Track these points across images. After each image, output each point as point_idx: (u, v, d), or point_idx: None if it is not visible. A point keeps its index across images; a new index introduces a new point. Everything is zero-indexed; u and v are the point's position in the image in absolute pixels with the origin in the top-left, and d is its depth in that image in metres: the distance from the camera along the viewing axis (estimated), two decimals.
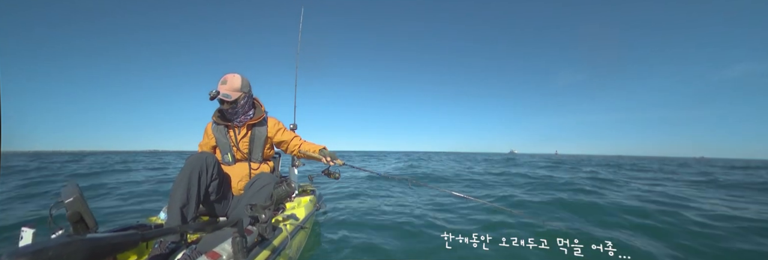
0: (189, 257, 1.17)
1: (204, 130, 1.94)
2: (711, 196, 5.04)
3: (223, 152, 1.85)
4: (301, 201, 2.33)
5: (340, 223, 3.16)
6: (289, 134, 2.04)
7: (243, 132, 1.85)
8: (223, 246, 1.11)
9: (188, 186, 1.48)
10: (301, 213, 2.05)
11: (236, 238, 1.09)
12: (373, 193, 5.12)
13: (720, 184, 6.96)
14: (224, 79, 1.77)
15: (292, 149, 2.06)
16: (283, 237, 1.48)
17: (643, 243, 2.17)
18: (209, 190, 1.62)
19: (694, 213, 3.42)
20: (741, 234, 2.65)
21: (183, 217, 1.42)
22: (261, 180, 1.69)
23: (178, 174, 1.51)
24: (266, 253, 1.23)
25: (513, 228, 2.77)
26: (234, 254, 1.09)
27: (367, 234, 2.68)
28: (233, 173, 1.83)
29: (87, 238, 0.55)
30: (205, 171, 1.56)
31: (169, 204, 1.45)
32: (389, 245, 2.33)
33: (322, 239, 2.63)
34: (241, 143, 1.85)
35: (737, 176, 9.57)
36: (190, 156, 1.59)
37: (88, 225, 0.90)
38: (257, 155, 1.90)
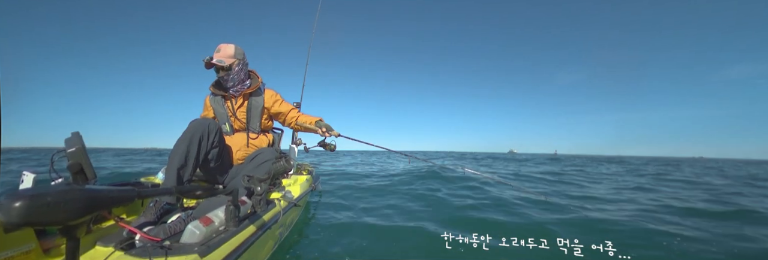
0: (183, 221, 1.19)
1: (203, 104, 1.97)
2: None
3: (222, 122, 1.87)
4: (297, 179, 2.35)
5: (334, 205, 3.19)
6: (286, 106, 2.04)
7: (240, 101, 1.87)
8: (217, 212, 1.12)
9: (188, 149, 1.50)
10: (296, 190, 2.06)
11: (230, 207, 1.10)
12: (370, 182, 5.15)
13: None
14: (218, 48, 1.79)
15: (289, 121, 2.06)
16: (275, 212, 1.49)
17: (643, 242, 2.18)
18: (209, 157, 1.63)
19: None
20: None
21: (179, 178, 1.44)
22: (263, 155, 1.70)
23: (180, 137, 1.53)
24: (257, 225, 1.24)
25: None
26: (226, 222, 1.11)
27: (358, 218, 2.70)
28: (232, 143, 1.85)
29: (85, 188, 0.56)
30: (207, 136, 1.57)
31: (168, 165, 1.47)
32: (381, 232, 2.35)
33: (314, 218, 2.66)
34: (238, 113, 1.87)
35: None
36: (193, 121, 1.60)
37: (87, 177, 0.91)
38: (255, 125, 1.92)
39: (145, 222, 1.25)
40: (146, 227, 1.17)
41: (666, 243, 2.15)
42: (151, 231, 1.09)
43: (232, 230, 1.08)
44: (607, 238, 1.80)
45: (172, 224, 1.16)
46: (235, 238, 1.05)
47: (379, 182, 5.07)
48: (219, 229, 1.08)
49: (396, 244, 2.07)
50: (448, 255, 1.87)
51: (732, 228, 2.56)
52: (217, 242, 0.96)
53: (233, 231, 1.07)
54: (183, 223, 1.17)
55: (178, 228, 1.14)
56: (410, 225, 2.50)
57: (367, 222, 2.57)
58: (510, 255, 1.83)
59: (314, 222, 2.57)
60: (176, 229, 1.13)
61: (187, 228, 1.00)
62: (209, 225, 1.03)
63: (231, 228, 1.09)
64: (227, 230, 1.08)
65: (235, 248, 1.02)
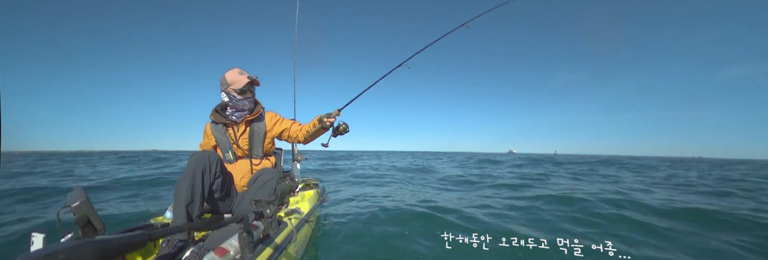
0: (197, 254, 1.20)
1: (204, 131, 1.96)
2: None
3: (224, 150, 1.87)
4: (304, 195, 2.36)
5: (343, 216, 3.20)
6: (287, 122, 2.01)
7: (241, 128, 1.86)
8: (231, 242, 1.13)
9: (192, 185, 1.50)
10: (306, 207, 2.07)
11: (242, 234, 1.12)
12: (373, 190, 5.16)
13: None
14: (239, 70, 1.82)
15: (295, 134, 1.98)
16: (289, 232, 1.50)
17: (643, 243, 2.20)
18: (213, 188, 1.64)
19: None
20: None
21: (188, 215, 1.44)
22: (264, 175, 1.71)
23: (182, 173, 1.53)
24: (273, 247, 1.26)
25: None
26: (241, 249, 1.12)
27: (369, 228, 2.72)
28: (235, 170, 1.85)
29: (96, 240, 0.57)
30: (209, 169, 1.58)
31: (175, 203, 1.47)
32: (389, 238, 2.37)
33: (327, 232, 2.67)
34: (240, 140, 1.87)
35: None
36: (193, 155, 1.61)
37: (96, 228, 0.92)
38: (258, 151, 1.92)
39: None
40: None
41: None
42: None
43: (248, 257, 1.09)
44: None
45: (186, 259, 1.17)
46: None
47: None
48: (235, 258, 1.09)
49: (406, 245, 2.09)
50: (448, 256, 1.89)
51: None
52: None
53: (250, 258, 1.08)
54: (197, 257, 1.18)
55: None
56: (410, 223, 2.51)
57: (377, 228, 2.59)
58: (510, 255, 1.85)
59: (327, 234, 2.58)
60: None
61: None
62: (225, 256, 1.04)
63: (247, 255, 1.10)
64: (244, 258, 1.09)
65: None
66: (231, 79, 1.79)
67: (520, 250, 1.81)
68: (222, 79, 1.81)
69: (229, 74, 1.80)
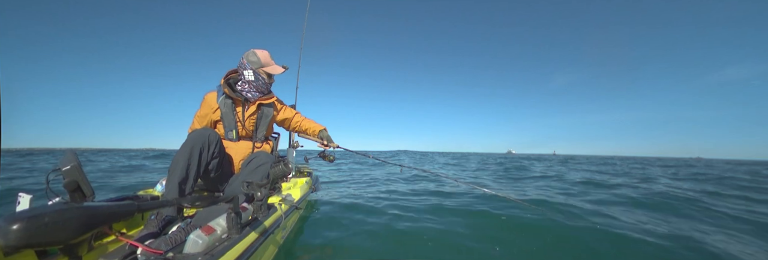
0: (184, 230, 1.19)
1: (203, 100, 1.81)
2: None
3: (228, 128, 1.81)
4: (297, 182, 2.35)
5: (334, 206, 3.20)
6: (290, 111, 2.08)
7: (252, 109, 1.83)
8: (218, 221, 1.12)
9: (188, 162, 1.49)
10: (297, 193, 2.07)
11: (231, 214, 1.11)
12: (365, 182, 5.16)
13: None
14: (270, 54, 1.83)
15: (294, 126, 2.11)
16: (277, 217, 1.49)
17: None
18: (209, 167, 1.62)
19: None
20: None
21: (181, 192, 1.44)
22: (258, 158, 1.69)
23: (179, 149, 1.51)
24: (260, 231, 1.25)
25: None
26: (228, 229, 1.11)
27: (359, 218, 2.71)
28: (235, 151, 1.82)
29: (83, 206, 0.56)
30: (207, 148, 1.56)
31: (168, 178, 1.46)
32: (380, 231, 2.36)
33: (316, 220, 2.67)
34: (248, 120, 1.83)
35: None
36: (193, 132, 1.59)
37: (84, 194, 0.90)
38: (261, 134, 1.91)
39: (148, 235, 1.25)
40: (148, 240, 1.17)
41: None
42: (153, 243, 1.09)
43: (235, 237, 1.08)
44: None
45: (173, 234, 1.16)
46: (239, 245, 1.05)
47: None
48: (221, 237, 1.08)
49: (397, 245, 2.09)
50: (451, 256, 1.90)
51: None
52: (220, 250, 0.96)
53: (236, 239, 1.07)
54: (183, 233, 1.17)
55: (179, 238, 1.14)
56: (399, 216, 2.52)
57: (367, 222, 2.58)
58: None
59: (315, 224, 2.58)
60: (178, 240, 1.13)
61: (189, 238, 1.00)
62: (212, 234, 1.03)
63: (234, 236, 1.09)
64: (230, 238, 1.08)
65: (239, 255, 1.03)
66: (265, 60, 1.78)
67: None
68: (252, 55, 1.77)
69: (261, 54, 1.78)
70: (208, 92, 1.83)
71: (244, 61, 1.77)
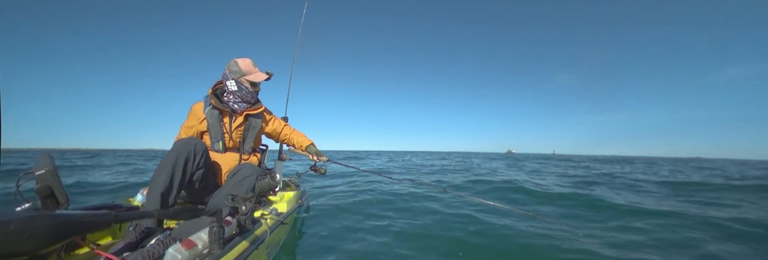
0: (162, 243, 1.12)
1: (190, 111, 1.79)
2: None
3: (214, 139, 1.77)
4: (284, 195, 2.28)
5: (322, 221, 3.10)
6: (279, 123, 2.07)
7: (239, 120, 1.80)
8: (200, 235, 1.06)
9: (172, 172, 1.42)
10: (283, 208, 2.00)
11: (214, 228, 1.05)
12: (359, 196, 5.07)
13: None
14: (253, 62, 1.80)
15: (282, 138, 2.11)
16: (262, 231, 1.43)
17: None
18: (194, 178, 1.56)
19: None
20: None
21: (163, 203, 1.36)
22: (244, 170, 1.64)
23: (164, 158, 1.45)
24: (243, 246, 1.18)
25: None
26: (210, 244, 1.05)
27: (348, 233, 2.63)
28: (222, 162, 1.77)
29: (55, 214, 0.51)
30: (193, 158, 1.50)
31: (150, 188, 1.39)
32: (371, 246, 2.29)
33: (303, 235, 2.58)
34: (235, 132, 1.80)
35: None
36: (178, 141, 1.54)
37: (58, 201, 0.85)
38: (249, 146, 1.87)
39: (124, 247, 1.17)
40: (124, 252, 1.09)
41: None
42: (129, 256, 1.02)
43: (216, 253, 1.02)
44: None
45: (151, 247, 1.09)
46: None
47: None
48: (202, 252, 1.02)
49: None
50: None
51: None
52: None
53: (218, 254, 1.01)
54: (162, 246, 1.10)
55: (157, 252, 1.07)
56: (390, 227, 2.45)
57: (357, 238, 2.50)
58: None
59: (302, 239, 2.49)
60: (156, 254, 1.06)
61: (167, 253, 0.93)
62: (192, 249, 0.97)
63: (215, 251, 1.03)
64: (211, 253, 1.02)
65: None
66: (246, 68, 1.75)
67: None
68: (234, 65, 1.74)
69: (242, 63, 1.75)
70: (195, 103, 1.80)
71: (227, 72, 1.75)
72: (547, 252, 2.19)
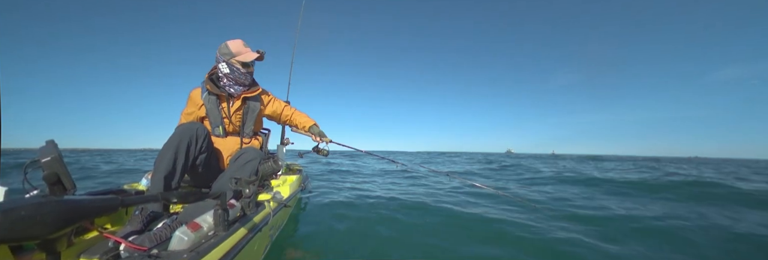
0: (169, 226, 1.15)
1: (189, 98, 1.80)
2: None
3: (214, 124, 1.78)
4: (286, 179, 2.32)
5: (324, 204, 3.18)
6: (279, 103, 2.05)
7: (237, 104, 1.80)
8: (205, 217, 1.09)
9: (175, 156, 1.44)
10: (286, 191, 2.04)
11: (218, 211, 1.08)
12: (358, 180, 5.15)
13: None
14: (244, 42, 1.76)
15: (284, 119, 2.08)
16: (265, 214, 1.47)
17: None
18: (197, 162, 1.58)
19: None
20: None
21: (166, 186, 1.39)
22: (247, 154, 1.66)
23: (166, 143, 1.47)
24: (247, 228, 1.22)
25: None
26: (215, 226, 1.08)
27: (350, 216, 2.70)
28: (224, 147, 1.79)
29: (63, 200, 0.53)
30: (195, 142, 1.52)
31: (154, 172, 1.42)
32: (370, 229, 2.35)
33: (305, 218, 2.65)
34: (234, 115, 1.80)
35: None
36: (180, 125, 1.55)
37: (65, 187, 0.87)
38: (249, 129, 1.87)
39: (132, 231, 1.21)
40: (132, 236, 1.13)
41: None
42: (137, 239, 1.05)
43: (221, 235, 1.05)
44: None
45: (158, 231, 1.13)
46: (226, 243, 1.03)
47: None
48: (208, 234, 1.06)
49: (388, 244, 2.07)
50: (447, 256, 1.89)
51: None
52: (206, 248, 0.94)
53: (223, 236, 1.04)
54: (169, 229, 1.14)
55: (164, 235, 1.11)
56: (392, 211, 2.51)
57: (357, 220, 2.57)
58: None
59: (305, 222, 2.56)
60: (163, 236, 1.10)
61: (174, 235, 0.97)
62: (198, 231, 1.00)
63: (220, 233, 1.07)
64: (217, 235, 1.06)
65: (226, 253, 1.00)
66: (236, 49, 1.71)
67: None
68: (223, 47, 1.72)
69: (232, 44, 1.72)
70: (193, 89, 1.80)
71: (218, 54, 1.73)
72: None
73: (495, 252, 1.93)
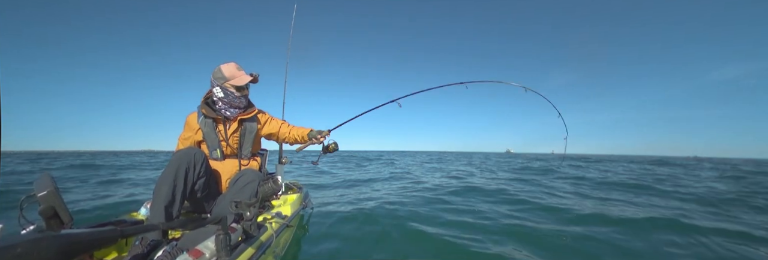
0: (170, 254, 1.13)
1: (185, 122, 1.82)
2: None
3: (212, 148, 1.78)
4: (287, 199, 2.29)
5: (327, 222, 3.12)
6: (276, 122, 2.02)
7: (234, 126, 1.80)
8: (207, 243, 1.07)
9: (174, 184, 1.43)
10: (288, 211, 2.01)
11: (220, 236, 1.06)
12: (361, 195, 5.09)
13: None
14: (237, 65, 1.77)
15: (283, 137, 2.04)
16: (268, 236, 1.44)
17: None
18: (195, 188, 1.57)
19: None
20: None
21: (167, 215, 1.37)
22: (246, 176, 1.65)
23: (164, 171, 1.46)
24: (251, 252, 1.20)
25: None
26: (217, 252, 1.06)
27: (354, 234, 2.65)
28: (222, 170, 1.78)
29: (61, 234, 0.52)
30: (193, 168, 1.51)
31: (153, 201, 1.40)
32: (376, 246, 2.31)
33: (309, 237, 2.60)
34: (231, 138, 1.80)
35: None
36: (177, 152, 1.54)
37: (62, 221, 0.85)
38: (247, 151, 1.86)
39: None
40: None
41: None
42: None
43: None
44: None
45: (158, 259, 1.10)
46: None
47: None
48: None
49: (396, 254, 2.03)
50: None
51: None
52: None
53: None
54: (169, 257, 1.11)
55: None
56: (396, 227, 2.47)
57: (363, 233, 2.53)
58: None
59: (309, 240, 2.51)
60: None
61: None
62: (200, 258, 0.98)
63: (223, 259, 1.04)
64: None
65: None
66: (229, 73, 1.73)
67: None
68: (217, 72, 1.74)
69: (226, 68, 1.74)
70: (190, 114, 1.82)
71: (212, 79, 1.76)
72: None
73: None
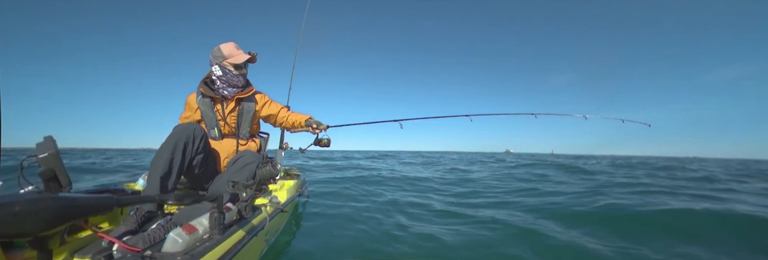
0: (163, 227, 1.14)
1: (185, 102, 1.85)
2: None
3: (210, 126, 1.79)
4: (284, 184, 2.30)
5: (321, 210, 3.14)
6: (275, 106, 2.01)
7: (231, 105, 1.81)
8: (201, 220, 1.08)
9: (171, 156, 1.43)
10: (283, 196, 2.02)
11: (214, 214, 1.06)
12: (358, 189, 5.12)
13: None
14: (235, 45, 1.77)
15: (280, 121, 2.03)
16: (262, 218, 1.45)
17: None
18: (193, 163, 1.57)
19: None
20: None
21: (163, 187, 1.38)
22: (245, 157, 1.66)
23: (163, 143, 1.46)
24: (242, 232, 1.20)
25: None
26: (210, 229, 1.06)
27: (347, 220, 2.67)
28: (220, 149, 1.79)
29: (59, 197, 0.52)
30: (191, 142, 1.51)
31: (150, 173, 1.40)
32: (367, 233, 2.32)
33: (302, 224, 2.62)
34: (229, 117, 1.80)
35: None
36: (177, 126, 1.54)
37: (61, 184, 0.86)
38: (245, 131, 1.87)
39: (126, 231, 1.19)
40: (126, 236, 1.11)
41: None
42: (130, 240, 1.03)
43: (216, 238, 1.03)
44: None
45: (152, 231, 1.11)
46: (220, 246, 1.01)
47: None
48: (203, 237, 1.04)
49: (386, 247, 2.04)
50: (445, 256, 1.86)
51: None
52: (201, 251, 0.92)
53: (218, 239, 1.02)
54: (163, 230, 1.12)
55: (158, 236, 1.09)
56: (389, 221, 2.48)
57: (354, 227, 2.54)
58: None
59: (301, 227, 2.52)
60: (156, 237, 1.08)
61: (168, 237, 0.95)
62: (193, 234, 0.99)
63: (216, 236, 1.05)
64: (212, 238, 1.04)
65: (220, 256, 0.99)
66: (228, 52, 1.74)
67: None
68: (216, 50, 1.75)
69: (225, 47, 1.75)
70: (190, 94, 1.85)
71: (211, 58, 1.76)
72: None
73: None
